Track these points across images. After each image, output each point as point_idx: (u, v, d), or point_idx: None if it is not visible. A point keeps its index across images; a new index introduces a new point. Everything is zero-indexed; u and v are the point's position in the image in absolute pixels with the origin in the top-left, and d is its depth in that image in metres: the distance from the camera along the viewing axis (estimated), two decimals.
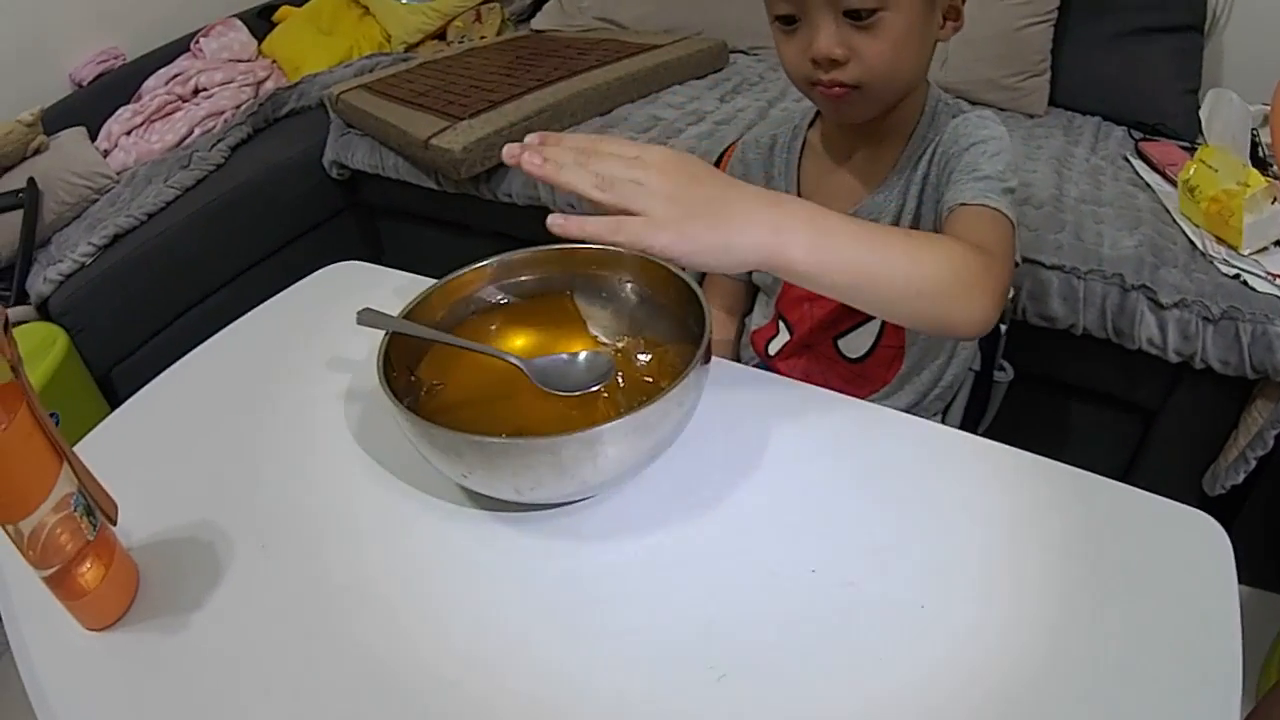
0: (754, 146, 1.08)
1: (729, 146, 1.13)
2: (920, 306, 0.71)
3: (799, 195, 0.99)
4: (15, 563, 0.58)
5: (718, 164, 1.13)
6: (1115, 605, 0.61)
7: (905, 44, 0.85)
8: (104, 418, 0.84)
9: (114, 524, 0.63)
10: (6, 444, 0.54)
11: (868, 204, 0.97)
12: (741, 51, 2.44)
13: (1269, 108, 1.69)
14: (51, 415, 0.58)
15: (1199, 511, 0.68)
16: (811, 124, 1.05)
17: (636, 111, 2.06)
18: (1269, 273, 1.43)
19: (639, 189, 0.63)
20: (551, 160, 0.63)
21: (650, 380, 0.75)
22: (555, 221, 0.63)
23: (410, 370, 0.74)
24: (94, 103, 2.37)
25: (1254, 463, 1.41)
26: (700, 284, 1.13)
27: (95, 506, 0.61)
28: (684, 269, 0.67)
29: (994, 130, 0.90)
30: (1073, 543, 0.66)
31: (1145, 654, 0.58)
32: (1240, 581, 0.63)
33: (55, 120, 2.25)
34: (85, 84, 2.43)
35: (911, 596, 0.61)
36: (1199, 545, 0.66)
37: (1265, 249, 1.49)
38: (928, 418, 1.03)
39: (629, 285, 0.80)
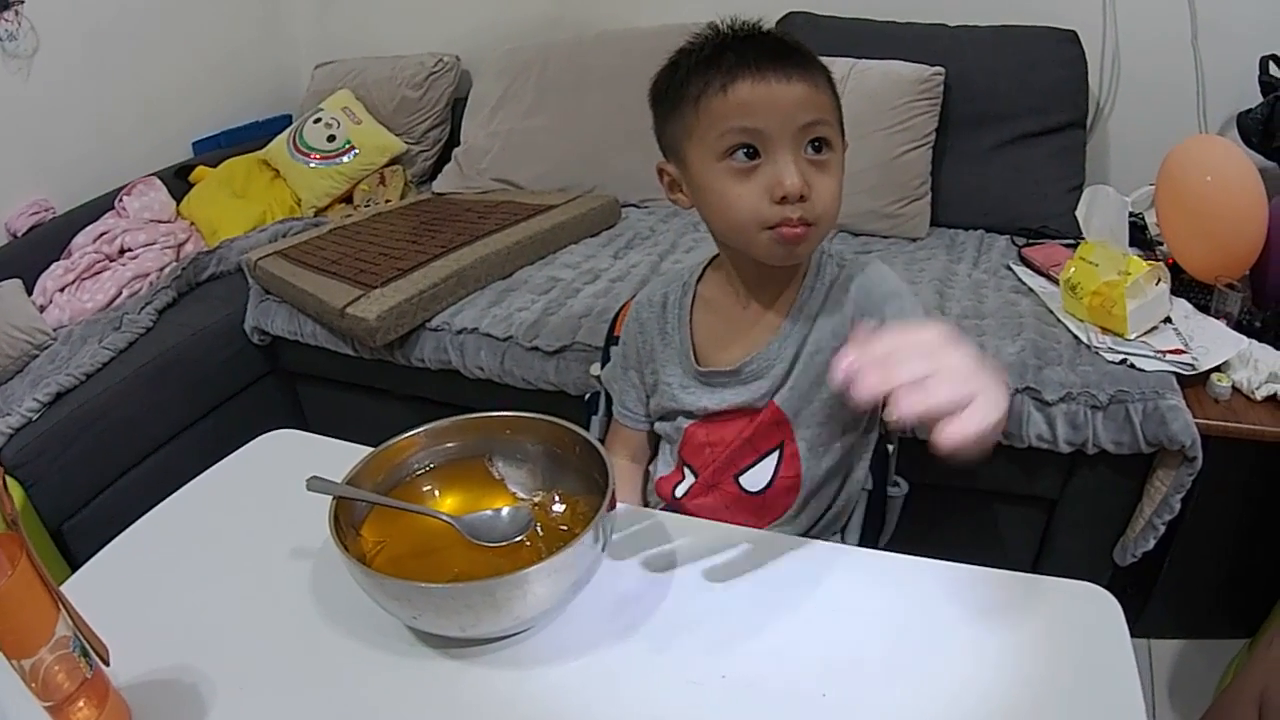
0: (647, 305, 1.19)
1: (624, 305, 1.27)
2: None
3: (693, 348, 1.14)
4: (19, 692, 0.70)
5: (614, 322, 1.28)
6: (1014, 675, 0.76)
7: (841, 181, 0.97)
8: (62, 570, 0.93)
9: (107, 664, 0.75)
10: (10, 591, 0.65)
11: (764, 353, 1.08)
12: (633, 205, 2.64)
13: (1154, 187, 1.89)
14: None
15: (1083, 583, 0.85)
16: (700, 279, 1.17)
17: (536, 273, 2.23)
18: (1159, 350, 1.61)
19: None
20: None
21: (566, 528, 0.92)
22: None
23: (355, 530, 0.90)
24: (28, 254, 2.57)
25: (1162, 529, 1.58)
26: (604, 437, 1.27)
27: (90, 648, 0.73)
28: None
29: (892, 280, 1.06)
30: (968, 627, 0.82)
31: (1049, 710, 0.73)
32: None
33: None
34: (19, 234, 2.63)
35: (813, 687, 0.76)
36: (1089, 611, 0.82)
37: (1155, 328, 1.68)
38: (826, 538, 1.18)
39: (540, 447, 0.97)
